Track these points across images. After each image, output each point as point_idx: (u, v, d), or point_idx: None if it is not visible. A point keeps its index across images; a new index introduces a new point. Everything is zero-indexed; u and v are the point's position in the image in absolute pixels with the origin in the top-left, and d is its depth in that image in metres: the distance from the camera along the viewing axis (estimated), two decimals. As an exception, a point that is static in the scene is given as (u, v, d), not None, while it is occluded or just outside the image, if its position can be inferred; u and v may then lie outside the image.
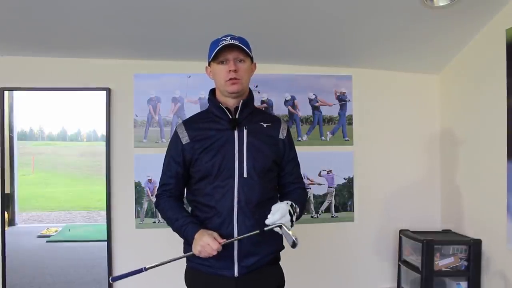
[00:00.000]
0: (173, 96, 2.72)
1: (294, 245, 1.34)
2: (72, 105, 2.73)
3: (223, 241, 1.40)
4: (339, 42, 2.58)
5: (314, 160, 2.81)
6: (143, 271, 1.41)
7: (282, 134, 1.58)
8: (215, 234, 1.41)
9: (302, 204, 1.58)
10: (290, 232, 1.35)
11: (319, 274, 2.86)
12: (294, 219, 1.42)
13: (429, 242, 2.50)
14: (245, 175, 1.47)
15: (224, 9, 2.15)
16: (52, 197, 3.02)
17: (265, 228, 1.38)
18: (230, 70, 1.45)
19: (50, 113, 2.81)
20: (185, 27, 2.32)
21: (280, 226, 1.37)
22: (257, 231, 1.39)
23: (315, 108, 2.86)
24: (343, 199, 2.88)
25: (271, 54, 2.62)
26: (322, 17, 2.28)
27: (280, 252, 1.61)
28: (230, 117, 1.51)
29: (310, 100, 2.85)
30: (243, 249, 1.46)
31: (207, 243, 1.37)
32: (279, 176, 1.61)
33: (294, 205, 1.44)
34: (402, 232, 2.82)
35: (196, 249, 1.39)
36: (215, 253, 1.37)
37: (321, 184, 2.85)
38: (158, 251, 2.63)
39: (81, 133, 2.95)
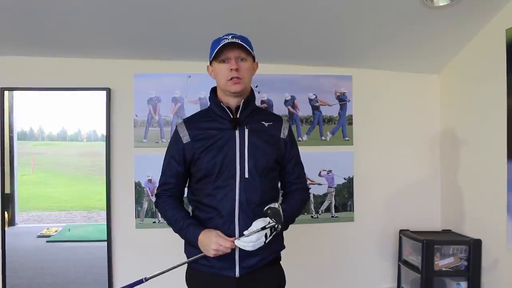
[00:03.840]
0: (173, 96, 2.72)
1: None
2: (72, 105, 2.73)
3: (234, 239, 1.41)
4: (339, 42, 2.58)
5: (314, 160, 2.81)
6: (143, 282, 1.40)
7: (284, 134, 1.57)
8: (220, 233, 1.42)
9: (298, 208, 1.59)
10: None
11: (319, 274, 2.86)
12: (267, 240, 1.42)
13: (429, 242, 2.50)
14: (246, 175, 1.46)
15: (224, 9, 2.15)
16: (52, 197, 3.01)
17: (266, 226, 1.39)
18: (231, 69, 1.44)
19: (50, 113, 2.80)
20: (185, 27, 2.32)
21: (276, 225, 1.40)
22: (259, 229, 1.39)
23: (315, 108, 2.86)
24: (343, 199, 2.88)
25: (271, 54, 2.62)
26: (322, 17, 2.28)
27: (281, 252, 1.61)
28: (232, 116, 1.50)
29: (310, 100, 2.85)
30: (244, 250, 1.44)
31: (219, 243, 1.38)
32: (280, 175, 1.60)
33: (275, 226, 1.42)
34: (402, 232, 2.82)
35: (210, 252, 1.39)
36: (229, 250, 1.39)
37: (321, 184, 2.85)
38: (158, 251, 2.65)
39: (81, 133, 2.95)
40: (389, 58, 2.78)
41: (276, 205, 1.42)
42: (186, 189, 1.63)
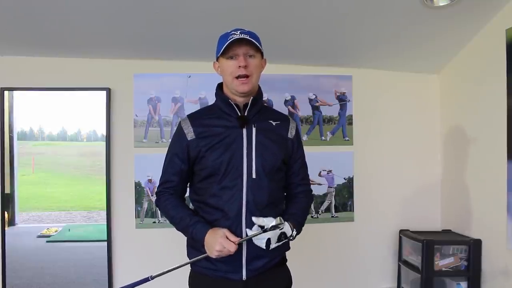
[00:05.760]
0: (173, 96, 2.72)
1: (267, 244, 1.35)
2: (72, 105, 2.73)
3: (237, 240, 1.35)
4: (339, 42, 2.58)
5: (314, 160, 2.79)
6: (149, 280, 1.35)
7: (291, 134, 1.54)
8: (227, 232, 1.35)
9: (308, 212, 1.58)
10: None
11: (318, 274, 2.86)
12: (273, 246, 1.38)
13: (429, 242, 2.50)
14: (253, 175, 1.41)
15: (224, 9, 2.15)
16: (52, 197, 3.01)
17: (270, 225, 1.34)
18: (240, 66, 1.39)
19: (50, 113, 2.80)
20: (185, 27, 2.32)
21: (281, 229, 1.36)
22: (261, 231, 1.34)
23: (315, 108, 2.86)
24: (343, 199, 2.88)
25: (271, 54, 2.58)
26: (322, 17, 2.28)
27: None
28: (239, 114, 1.45)
29: (310, 100, 2.85)
30: (251, 252, 1.41)
31: (223, 245, 1.32)
32: (286, 176, 1.56)
33: (291, 234, 1.41)
34: (402, 232, 2.82)
35: (214, 254, 1.33)
36: (232, 253, 1.33)
37: (321, 184, 2.85)
38: (158, 251, 2.65)
39: (81, 133, 2.95)
40: (389, 58, 2.78)
41: (280, 221, 1.35)
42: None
